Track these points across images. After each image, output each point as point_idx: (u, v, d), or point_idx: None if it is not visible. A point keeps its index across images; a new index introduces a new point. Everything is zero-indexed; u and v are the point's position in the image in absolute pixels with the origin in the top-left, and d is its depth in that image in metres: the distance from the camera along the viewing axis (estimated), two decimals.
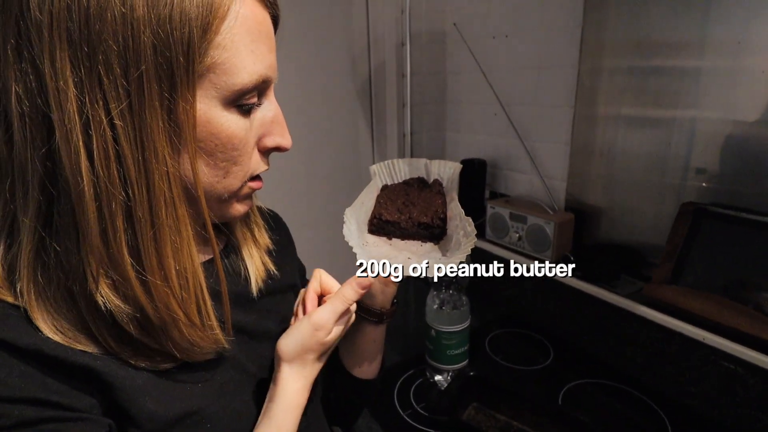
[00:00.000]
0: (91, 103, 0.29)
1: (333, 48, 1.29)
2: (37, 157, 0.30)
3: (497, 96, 1.19)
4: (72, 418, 0.32)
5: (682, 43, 0.85)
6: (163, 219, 0.32)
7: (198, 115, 0.33)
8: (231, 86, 0.34)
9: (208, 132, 0.34)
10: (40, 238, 0.32)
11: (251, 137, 0.38)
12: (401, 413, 0.81)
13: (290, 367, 0.42)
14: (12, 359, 0.32)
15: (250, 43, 0.34)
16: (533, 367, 0.93)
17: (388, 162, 0.63)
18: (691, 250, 0.84)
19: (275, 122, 0.40)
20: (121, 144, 0.30)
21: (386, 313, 0.57)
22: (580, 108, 1.04)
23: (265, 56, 0.36)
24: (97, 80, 0.29)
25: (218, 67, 0.33)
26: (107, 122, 0.29)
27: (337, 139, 1.37)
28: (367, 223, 0.56)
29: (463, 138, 1.39)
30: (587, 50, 1.00)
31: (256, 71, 0.35)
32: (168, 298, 0.34)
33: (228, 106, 0.35)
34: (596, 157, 1.04)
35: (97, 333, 0.33)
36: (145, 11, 0.29)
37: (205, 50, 0.32)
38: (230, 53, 0.33)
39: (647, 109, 0.93)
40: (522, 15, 1.12)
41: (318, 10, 1.24)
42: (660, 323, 0.83)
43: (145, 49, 0.29)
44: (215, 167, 0.36)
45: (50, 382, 0.32)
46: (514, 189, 1.25)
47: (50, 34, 0.28)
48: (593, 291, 0.95)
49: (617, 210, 1.03)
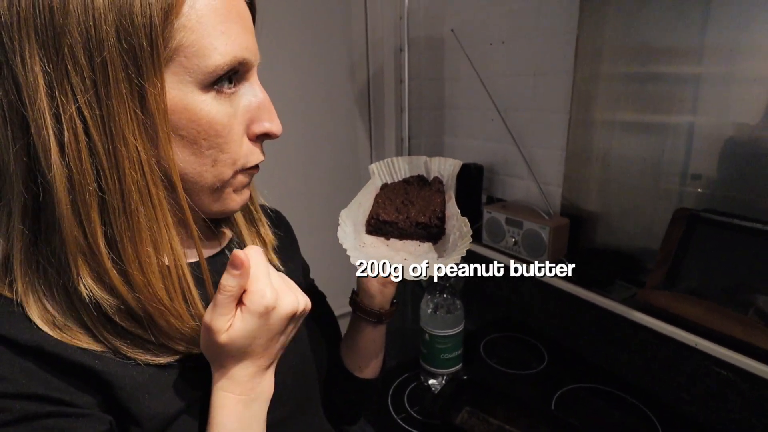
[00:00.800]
0: (60, 96, 0.30)
1: (332, 53, 1.31)
2: (16, 154, 0.31)
3: (494, 101, 1.20)
4: (73, 413, 0.33)
5: (678, 49, 0.86)
6: (136, 208, 0.32)
7: (174, 101, 0.33)
8: (204, 69, 0.33)
9: (187, 119, 0.34)
10: (31, 236, 0.33)
11: (237, 124, 0.37)
12: (395, 417, 0.81)
13: (213, 375, 0.37)
14: (13, 355, 0.32)
15: (219, 24, 0.33)
16: (527, 371, 0.93)
17: (388, 160, 0.62)
18: (684, 256, 0.84)
19: (262, 107, 0.38)
20: (91, 134, 0.30)
21: (385, 314, 0.58)
22: (575, 114, 1.05)
23: (238, 36, 0.35)
24: (64, 72, 0.29)
25: (186, 49, 0.32)
26: (75, 112, 0.30)
27: (336, 142, 1.38)
28: (365, 224, 0.56)
29: (461, 143, 1.40)
30: (582, 56, 1.01)
31: (229, 52, 0.34)
32: (148, 288, 0.34)
33: (205, 91, 0.34)
34: (592, 162, 1.05)
35: (93, 328, 0.34)
36: (106, 2, 0.29)
37: (170, 33, 0.31)
38: (197, 35, 0.32)
39: (642, 115, 0.94)
40: (518, 21, 1.13)
41: (317, 15, 1.25)
42: (653, 328, 0.83)
43: (108, 37, 0.29)
44: (201, 155, 0.35)
45: (51, 378, 0.33)
46: (511, 194, 1.26)
47: (19, 34, 0.29)
48: (588, 296, 0.95)
49: (613, 215, 1.03)
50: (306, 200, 1.34)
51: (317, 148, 1.33)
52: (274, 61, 1.22)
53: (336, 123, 1.36)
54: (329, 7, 1.27)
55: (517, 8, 1.12)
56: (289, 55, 1.23)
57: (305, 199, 1.33)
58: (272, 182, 1.26)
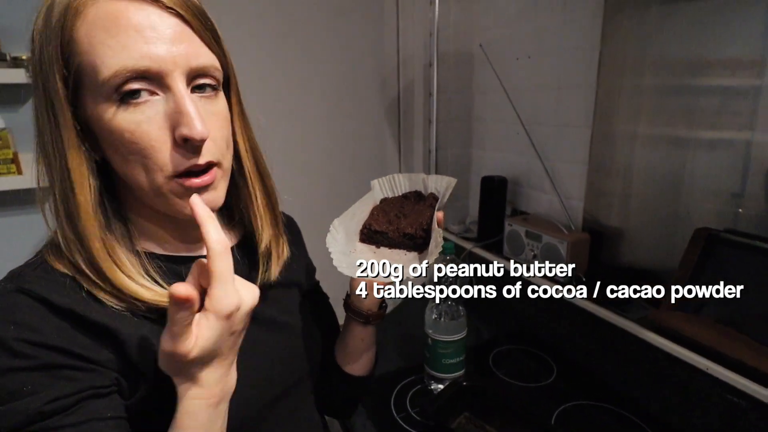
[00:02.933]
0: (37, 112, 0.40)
1: (364, 68, 1.38)
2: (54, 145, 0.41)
3: (518, 115, 1.21)
4: (85, 368, 0.39)
5: (703, 61, 0.84)
6: (69, 197, 0.40)
7: (93, 116, 0.39)
8: (97, 83, 0.37)
9: (106, 129, 0.39)
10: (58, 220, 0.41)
11: (154, 130, 0.39)
12: (395, 415, 0.85)
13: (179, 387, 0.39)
14: (49, 313, 0.39)
15: (106, 39, 0.36)
16: (534, 384, 0.93)
17: (390, 176, 0.68)
18: (701, 277, 0.81)
19: (178, 112, 0.39)
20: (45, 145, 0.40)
21: (372, 315, 0.62)
22: (597, 128, 1.04)
23: (131, 49, 0.36)
24: (49, 98, 0.39)
25: (83, 69, 0.37)
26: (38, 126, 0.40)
27: (366, 153, 1.45)
28: (359, 233, 0.61)
29: (487, 155, 1.41)
30: (605, 70, 1.00)
31: (114, 64, 0.36)
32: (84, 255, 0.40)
33: (112, 103, 0.38)
34: (613, 177, 1.03)
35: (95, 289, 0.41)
36: (38, 40, 0.38)
37: (70, 56, 0.37)
38: (88, 55, 0.37)
39: (665, 129, 0.92)
40: (544, 36, 1.14)
41: (351, 33, 1.33)
42: (664, 349, 0.81)
43: (38, 69, 0.39)
44: (127, 162, 0.40)
45: (77, 335, 0.39)
46: (535, 207, 1.26)
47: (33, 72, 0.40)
48: (601, 313, 0.93)
49: (634, 231, 1.01)
50: (333, 207, 1.40)
51: (348, 158, 1.41)
52: (308, 75, 1.31)
53: (366, 134, 1.43)
54: (363, 25, 1.35)
55: (543, 24, 1.14)
56: (323, 69, 1.32)
57: (332, 207, 1.40)
58: (301, 188, 1.36)
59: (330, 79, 1.33)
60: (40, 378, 0.38)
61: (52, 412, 0.37)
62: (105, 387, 0.40)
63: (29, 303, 0.39)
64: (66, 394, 0.38)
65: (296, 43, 1.28)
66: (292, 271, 0.59)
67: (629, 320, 0.89)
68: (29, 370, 0.37)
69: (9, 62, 0.96)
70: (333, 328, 0.69)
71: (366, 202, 0.65)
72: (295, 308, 0.58)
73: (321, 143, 1.38)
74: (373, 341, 0.65)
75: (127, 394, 0.42)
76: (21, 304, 0.39)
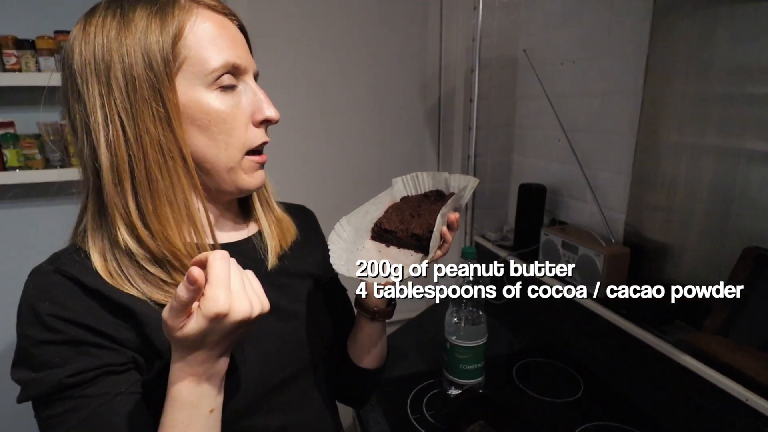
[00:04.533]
0: (107, 106, 0.44)
1: (407, 73, 1.40)
2: (85, 149, 0.45)
3: (560, 122, 1.18)
4: (106, 346, 0.44)
5: (756, 67, 0.77)
6: (155, 177, 0.44)
7: (189, 99, 0.45)
8: (204, 70, 0.45)
9: (199, 110, 0.46)
10: (96, 207, 0.46)
11: (240, 113, 0.48)
12: (410, 415, 0.86)
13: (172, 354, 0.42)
14: (80, 293, 0.44)
15: (212, 41, 0.46)
16: (557, 399, 0.90)
17: (414, 174, 0.67)
18: (747, 301, 0.75)
19: (260, 100, 0.49)
20: (126, 131, 0.44)
21: (379, 312, 0.63)
22: (642, 136, 0.99)
23: (228, 48, 0.46)
24: (110, 90, 0.43)
25: (191, 60, 0.45)
26: (116, 116, 0.44)
27: (405, 157, 1.46)
28: (370, 230, 0.61)
29: (528, 162, 1.38)
30: (652, 77, 0.95)
31: (221, 58, 0.46)
32: (163, 234, 0.45)
33: (209, 88, 0.46)
34: (658, 189, 0.97)
35: (128, 275, 0.46)
36: (134, 41, 0.44)
37: (178, 52, 0.44)
38: (196, 49, 0.45)
39: (714, 140, 0.85)
40: (589, 41, 1.10)
41: (395, 39, 1.36)
42: (702, 376, 0.75)
43: (137, 62, 0.43)
44: (213, 139, 0.47)
45: (103, 314, 0.44)
46: (575, 217, 1.21)
47: (86, 71, 0.44)
48: (637, 332, 0.88)
49: (678, 248, 0.94)
50: None
51: (386, 161, 1.43)
52: (351, 79, 1.36)
53: (406, 139, 1.45)
54: (407, 32, 1.37)
55: (588, 28, 1.10)
56: (366, 74, 1.36)
57: None
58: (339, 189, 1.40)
59: (372, 84, 1.37)
60: (66, 351, 0.43)
61: (74, 383, 0.42)
62: (122, 365, 0.44)
63: (64, 282, 0.44)
64: (87, 369, 0.43)
65: (341, 47, 1.33)
66: (307, 263, 0.62)
67: (666, 342, 0.83)
68: (58, 343, 0.42)
69: None
70: (348, 320, 0.70)
71: (381, 200, 0.65)
72: (308, 298, 0.61)
73: (360, 145, 1.41)
74: (382, 336, 0.66)
75: (144, 369, 0.46)
76: (57, 283, 0.44)
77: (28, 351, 0.43)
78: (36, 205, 1.17)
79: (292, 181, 1.35)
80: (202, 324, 0.38)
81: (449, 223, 0.55)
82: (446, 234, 0.55)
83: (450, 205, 0.56)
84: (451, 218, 0.55)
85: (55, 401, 0.43)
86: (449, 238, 0.56)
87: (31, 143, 1.09)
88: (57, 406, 0.43)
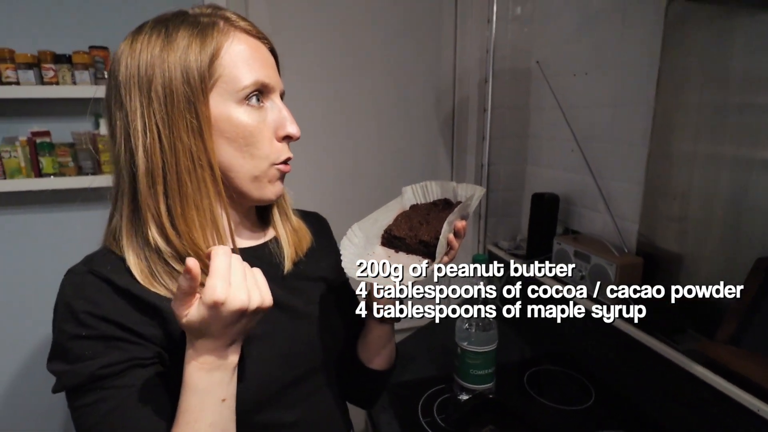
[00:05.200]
0: (146, 117, 0.47)
1: (421, 83, 1.44)
2: (124, 154, 0.49)
3: (573, 132, 1.19)
4: (134, 341, 0.47)
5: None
6: (185, 182, 0.48)
7: (220, 113, 0.49)
8: (235, 88, 0.49)
9: (229, 124, 0.49)
10: (131, 208, 0.50)
11: (265, 128, 0.52)
12: (421, 419, 0.87)
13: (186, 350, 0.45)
14: (112, 292, 0.47)
15: (245, 61, 0.50)
16: (567, 407, 0.90)
17: (423, 183, 0.70)
18: (759, 311, 0.75)
19: (284, 117, 0.53)
20: (162, 138, 0.48)
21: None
22: (655, 147, 0.99)
23: (259, 68, 0.50)
24: (150, 101, 0.47)
25: (224, 78, 0.49)
26: (154, 125, 0.48)
27: (419, 166, 1.49)
28: (380, 236, 0.64)
29: (541, 171, 1.39)
30: (664, 87, 0.96)
31: (252, 77, 0.50)
32: (189, 235, 0.48)
33: (239, 104, 0.50)
34: (670, 199, 0.98)
35: (156, 273, 0.49)
36: (175, 58, 0.47)
37: (213, 70, 0.48)
38: (230, 68, 0.49)
39: (727, 149, 0.86)
40: (602, 52, 1.11)
41: (410, 50, 1.40)
42: (713, 385, 0.75)
43: (175, 77, 0.47)
44: (240, 151, 0.50)
45: (132, 312, 0.47)
46: (588, 227, 1.21)
47: (129, 84, 0.48)
48: (648, 341, 0.89)
49: (691, 258, 0.94)
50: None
51: (400, 170, 1.47)
52: (366, 89, 1.40)
53: (420, 148, 1.48)
54: (422, 43, 1.41)
55: (601, 40, 1.11)
56: (381, 84, 1.40)
57: None
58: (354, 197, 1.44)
59: (387, 94, 1.41)
60: (98, 346, 0.46)
61: (104, 375, 0.46)
62: (148, 359, 0.48)
63: (97, 282, 0.48)
64: (117, 362, 0.46)
65: (358, 59, 1.37)
66: (320, 267, 0.65)
67: (677, 351, 0.83)
68: (90, 338, 0.46)
69: None
70: (358, 323, 0.72)
71: (391, 208, 0.67)
72: (320, 300, 0.64)
73: (375, 155, 1.45)
74: (390, 339, 0.69)
75: (167, 363, 0.50)
76: (91, 282, 0.48)
77: (64, 345, 0.46)
78: (68, 210, 1.24)
79: (309, 188, 1.39)
80: (203, 312, 0.41)
81: (456, 231, 0.58)
82: (453, 241, 0.57)
83: (457, 213, 0.58)
84: (458, 226, 0.58)
85: (88, 391, 0.46)
86: (456, 244, 0.58)
87: (66, 151, 1.16)
88: (89, 395, 0.46)
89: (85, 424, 0.46)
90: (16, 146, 1.12)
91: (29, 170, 1.15)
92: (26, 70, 1.10)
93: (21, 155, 1.13)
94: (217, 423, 0.45)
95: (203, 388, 0.44)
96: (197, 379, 0.44)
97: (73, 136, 1.17)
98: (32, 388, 1.31)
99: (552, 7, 1.28)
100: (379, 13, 1.35)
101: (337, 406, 0.64)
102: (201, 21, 0.50)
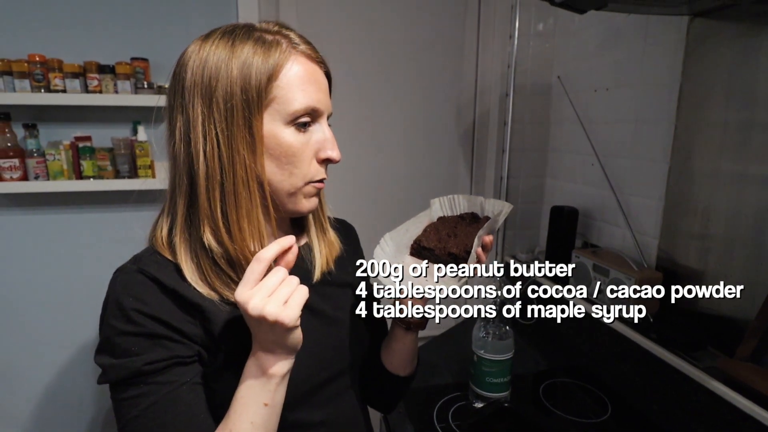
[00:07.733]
0: (207, 125, 0.50)
1: (442, 97, 1.47)
2: (184, 158, 0.52)
3: (593, 147, 1.20)
4: (177, 340, 0.49)
5: None
6: (239, 192, 0.51)
7: (267, 130, 0.51)
8: (287, 110, 0.51)
9: (274, 142, 0.52)
10: (186, 210, 0.53)
11: (307, 150, 0.53)
12: (436, 424, 0.89)
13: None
14: (159, 291, 0.50)
15: (301, 85, 0.51)
16: (584, 419, 0.90)
17: (451, 196, 0.72)
18: None
19: (326, 140, 0.55)
20: (221, 147, 0.50)
21: (413, 323, 0.68)
22: (675, 163, 1.00)
23: (313, 94, 0.52)
24: (211, 111, 0.50)
25: (279, 99, 0.51)
26: (213, 134, 0.51)
27: (439, 178, 1.52)
28: (410, 247, 0.66)
29: (560, 185, 1.40)
30: (686, 104, 0.97)
31: (304, 102, 0.51)
32: (241, 239, 0.51)
33: (287, 126, 0.52)
34: (691, 215, 0.98)
35: (205, 271, 0.52)
36: (238, 73, 0.50)
37: (270, 89, 0.50)
38: (286, 90, 0.51)
39: (748, 167, 0.86)
40: (623, 69, 1.13)
41: (433, 64, 1.44)
42: (732, 402, 0.75)
43: (236, 91, 0.49)
44: (281, 168, 0.53)
45: (177, 311, 0.50)
46: (608, 241, 1.22)
47: (194, 91, 0.51)
48: (668, 357, 0.88)
49: (711, 274, 0.94)
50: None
51: (420, 181, 1.49)
52: (388, 102, 1.44)
53: (440, 160, 1.51)
54: (444, 58, 1.44)
55: (623, 56, 1.13)
56: (403, 97, 1.44)
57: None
58: (375, 207, 1.47)
59: (409, 107, 1.44)
60: (144, 343, 0.48)
61: (148, 371, 0.48)
62: (189, 357, 0.50)
63: (145, 281, 0.50)
64: (160, 359, 0.48)
65: (384, 73, 1.41)
66: (348, 274, 0.68)
67: (696, 367, 0.83)
68: (138, 335, 0.48)
69: (155, 89, 1.22)
70: (382, 329, 0.75)
71: (420, 220, 0.70)
72: (347, 306, 0.66)
73: (395, 166, 1.48)
74: (414, 346, 0.71)
75: (207, 363, 0.52)
76: (140, 281, 0.50)
77: (112, 340, 0.49)
78: (104, 211, 1.31)
79: (339, 198, 1.43)
80: (240, 307, 0.47)
81: (483, 245, 0.60)
82: (481, 255, 0.59)
83: (486, 229, 0.61)
84: (486, 240, 0.60)
85: (131, 385, 0.48)
86: (483, 258, 0.60)
87: (105, 156, 1.23)
88: (132, 389, 0.48)
89: (126, 416, 0.48)
90: (60, 150, 1.20)
91: (71, 173, 1.22)
92: (73, 79, 1.17)
93: (64, 158, 1.20)
94: (258, 425, 0.49)
95: (244, 390, 0.49)
96: (241, 380, 0.50)
97: (113, 141, 1.24)
98: (75, 381, 1.38)
99: (573, 24, 1.30)
100: (405, 29, 1.40)
101: (360, 409, 0.67)
102: (266, 39, 0.52)
